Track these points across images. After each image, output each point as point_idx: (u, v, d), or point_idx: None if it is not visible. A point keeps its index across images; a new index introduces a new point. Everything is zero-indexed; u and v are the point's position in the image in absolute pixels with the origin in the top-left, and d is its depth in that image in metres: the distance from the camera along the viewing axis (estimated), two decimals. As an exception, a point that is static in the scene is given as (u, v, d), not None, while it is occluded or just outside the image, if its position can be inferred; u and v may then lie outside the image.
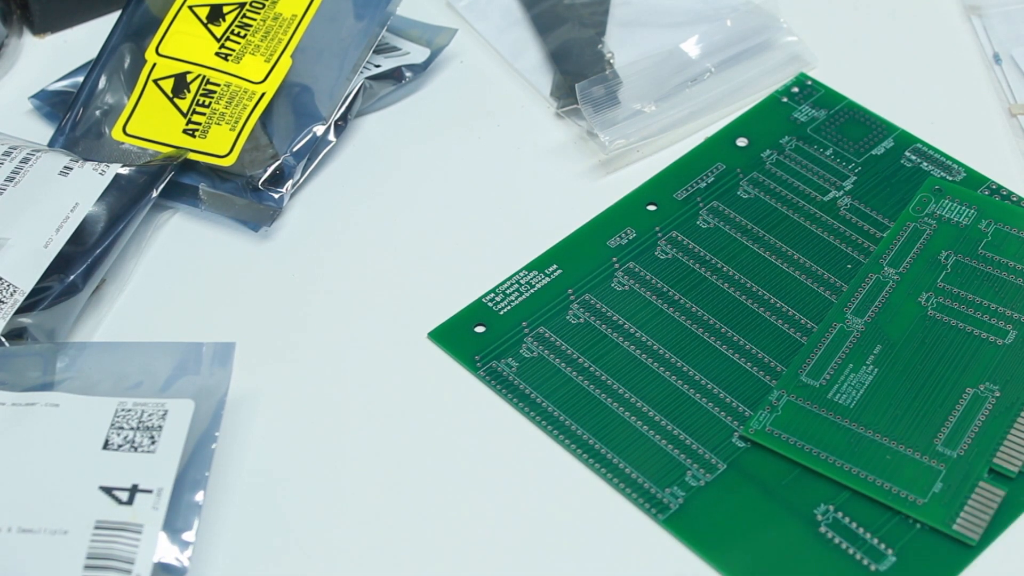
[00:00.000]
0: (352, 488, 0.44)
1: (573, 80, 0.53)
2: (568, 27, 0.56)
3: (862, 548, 0.41)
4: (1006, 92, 0.54)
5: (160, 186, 0.49)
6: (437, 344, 0.47)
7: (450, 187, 0.52)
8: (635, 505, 0.43)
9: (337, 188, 0.52)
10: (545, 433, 0.45)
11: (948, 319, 0.46)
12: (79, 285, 0.47)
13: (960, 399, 0.44)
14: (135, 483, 0.40)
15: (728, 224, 0.50)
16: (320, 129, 0.52)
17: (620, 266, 0.49)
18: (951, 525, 0.41)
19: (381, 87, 0.54)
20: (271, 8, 0.54)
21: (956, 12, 0.57)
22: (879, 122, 0.53)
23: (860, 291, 0.47)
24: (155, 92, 0.52)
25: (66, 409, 0.42)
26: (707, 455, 0.44)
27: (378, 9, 0.54)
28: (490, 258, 0.49)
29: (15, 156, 0.49)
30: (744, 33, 0.55)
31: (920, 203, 0.49)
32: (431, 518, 0.43)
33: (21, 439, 0.41)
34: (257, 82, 0.52)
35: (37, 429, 0.42)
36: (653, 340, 0.47)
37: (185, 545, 0.40)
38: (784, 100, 0.54)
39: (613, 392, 0.45)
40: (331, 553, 0.42)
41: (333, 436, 0.45)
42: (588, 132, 0.53)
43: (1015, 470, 0.42)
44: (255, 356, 0.47)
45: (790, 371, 0.45)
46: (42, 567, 0.39)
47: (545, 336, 0.47)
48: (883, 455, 0.43)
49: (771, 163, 0.52)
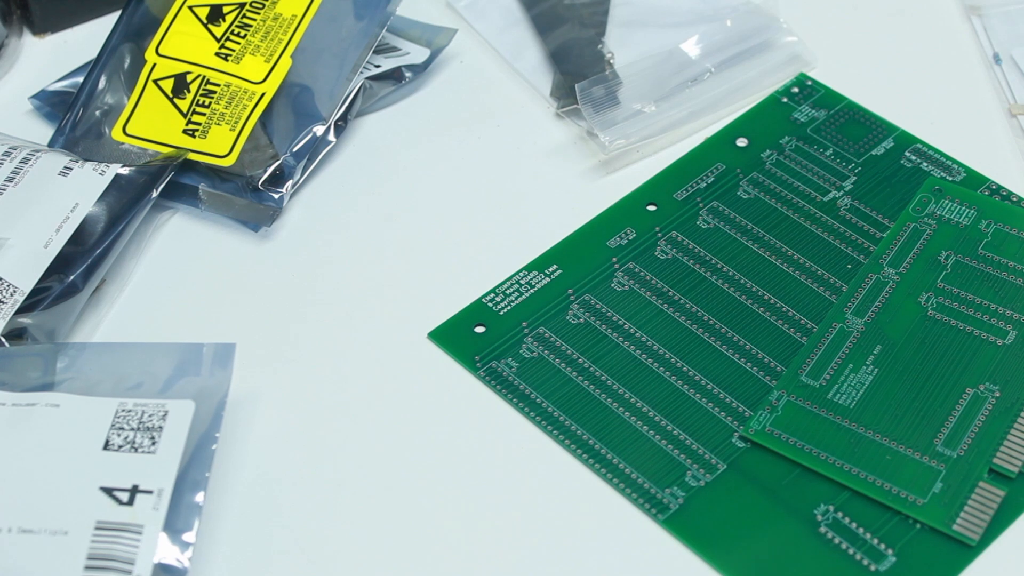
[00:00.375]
0: (352, 488, 0.44)
1: (573, 80, 0.53)
2: (568, 27, 0.56)
3: (862, 548, 0.41)
4: (1006, 92, 0.54)
5: (160, 186, 0.49)
6: (437, 344, 0.47)
7: (450, 187, 0.52)
8: (635, 505, 0.43)
9: (337, 188, 0.52)
10: (545, 433, 0.45)
11: (948, 319, 0.46)
12: (79, 285, 0.47)
13: (960, 399, 0.44)
14: (135, 484, 0.40)
15: (728, 224, 0.50)
16: (320, 129, 0.52)
17: (620, 266, 0.49)
18: (951, 525, 0.41)
19: (381, 87, 0.54)
20: (271, 8, 0.54)
21: (956, 12, 0.57)
22: (879, 122, 0.53)
23: (860, 291, 0.47)
24: (155, 92, 0.52)
25: (66, 410, 0.42)
26: (707, 455, 0.44)
27: (378, 9, 0.54)
28: (490, 258, 0.49)
29: (15, 156, 0.49)
30: (744, 33, 0.55)
31: (920, 203, 0.49)
32: (431, 518, 0.43)
33: (21, 440, 0.41)
34: (257, 82, 0.52)
35: (37, 430, 0.42)
36: (653, 340, 0.47)
37: (185, 546, 0.40)
38: (784, 100, 0.54)
39: (613, 392, 0.45)
40: (331, 554, 0.42)
41: (333, 436, 0.45)
42: (588, 132, 0.53)
43: (1015, 470, 0.42)
44: (255, 356, 0.47)
45: (790, 371, 0.45)
46: (42, 568, 0.39)
47: (545, 336, 0.47)
48: (883, 455, 0.43)
49: (771, 163, 0.52)
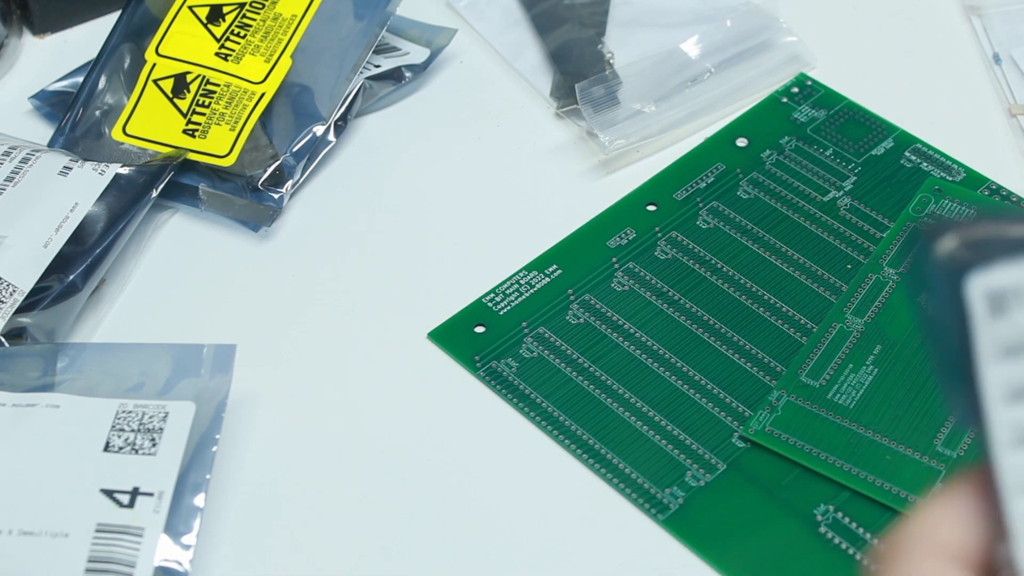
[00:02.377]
0: (352, 489, 0.44)
1: (573, 80, 0.53)
2: (568, 27, 0.56)
3: (862, 548, 0.41)
4: (1006, 92, 0.54)
5: (160, 186, 0.49)
6: (437, 344, 0.47)
7: (450, 187, 0.52)
8: (635, 505, 0.43)
9: (337, 188, 0.52)
10: (545, 433, 0.45)
11: (948, 319, 0.46)
12: (79, 285, 0.47)
13: (960, 399, 0.44)
14: (136, 486, 0.40)
15: (728, 224, 0.50)
16: (320, 129, 0.52)
17: (620, 266, 0.49)
18: (951, 525, 0.41)
19: (381, 87, 0.54)
20: (271, 8, 0.54)
21: (956, 12, 0.57)
22: (879, 122, 0.53)
23: (860, 291, 0.47)
24: (155, 92, 0.52)
25: (67, 411, 0.42)
26: (707, 455, 0.44)
27: (378, 9, 0.54)
28: (490, 258, 0.49)
29: (15, 156, 0.49)
30: (744, 33, 0.55)
31: (920, 203, 0.49)
32: (431, 518, 0.43)
33: (22, 441, 0.41)
34: (257, 82, 0.52)
35: (38, 430, 0.42)
36: (653, 340, 0.47)
37: (186, 548, 0.40)
38: (784, 100, 0.54)
39: (613, 392, 0.45)
40: (332, 554, 0.42)
41: (333, 437, 0.45)
42: (588, 132, 0.53)
43: (1015, 470, 0.42)
44: (255, 356, 0.47)
45: (790, 371, 0.45)
46: (43, 570, 0.39)
47: (545, 336, 0.47)
48: (883, 455, 0.43)
49: (771, 163, 0.52)
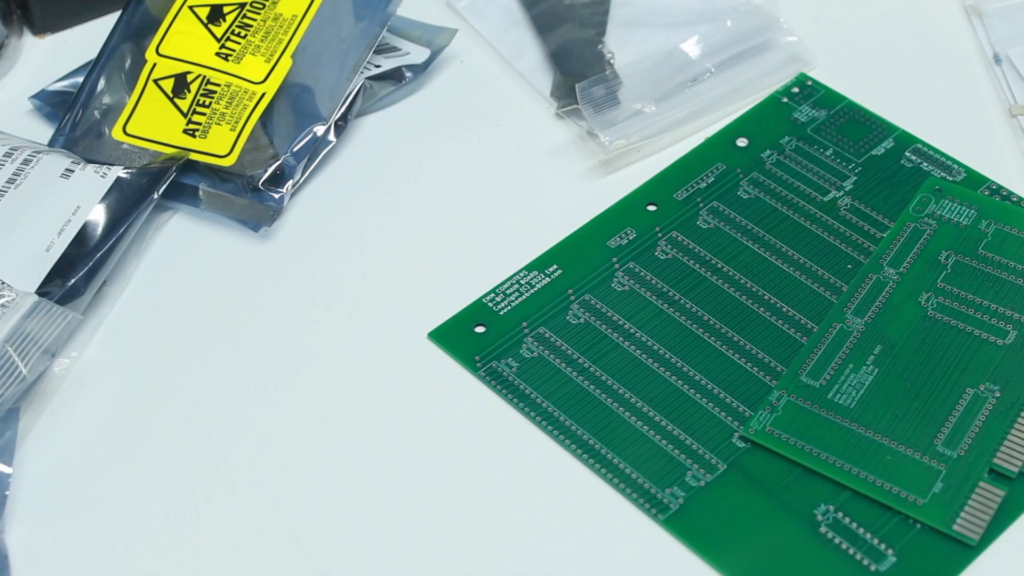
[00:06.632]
0: (352, 489, 0.44)
1: (573, 80, 0.53)
2: (568, 27, 0.56)
3: (862, 548, 0.41)
4: (1006, 92, 0.54)
5: (161, 188, 0.49)
6: (437, 344, 0.47)
7: (450, 187, 0.52)
8: (635, 505, 0.43)
9: (337, 188, 0.52)
10: (545, 433, 0.45)
11: (948, 319, 0.46)
12: (80, 289, 0.47)
13: (960, 399, 0.44)
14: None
15: (728, 224, 0.50)
16: (320, 129, 0.52)
17: (620, 266, 0.49)
18: (951, 525, 0.41)
19: (381, 87, 0.54)
20: (271, 8, 0.54)
21: (956, 12, 0.57)
22: (879, 122, 0.53)
23: (860, 291, 0.47)
24: (155, 92, 0.52)
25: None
26: (707, 455, 0.44)
27: (378, 9, 0.54)
28: (490, 258, 0.49)
29: (16, 158, 0.49)
30: (744, 33, 0.55)
31: (920, 203, 0.49)
32: (431, 518, 0.43)
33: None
34: (257, 82, 0.52)
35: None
36: (653, 340, 0.47)
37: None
38: (784, 100, 0.54)
39: (613, 392, 0.45)
40: (332, 554, 0.42)
41: (333, 437, 0.45)
42: (588, 132, 0.53)
43: (1015, 470, 0.42)
44: (255, 356, 0.47)
45: (790, 371, 0.45)
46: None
47: (545, 336, 0.47)
48: (883, 455, 0.43)
49: (771, 163, 0.52)
